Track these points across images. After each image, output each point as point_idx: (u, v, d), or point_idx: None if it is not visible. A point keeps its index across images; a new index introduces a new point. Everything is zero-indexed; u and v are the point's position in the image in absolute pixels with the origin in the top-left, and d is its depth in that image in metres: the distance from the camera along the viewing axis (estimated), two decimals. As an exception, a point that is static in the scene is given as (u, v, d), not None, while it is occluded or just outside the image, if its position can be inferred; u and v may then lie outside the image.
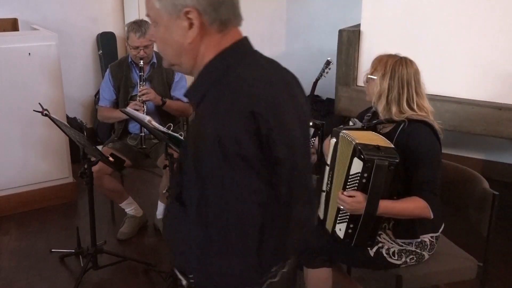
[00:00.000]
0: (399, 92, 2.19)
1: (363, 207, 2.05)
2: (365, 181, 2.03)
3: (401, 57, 2.25)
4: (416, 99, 2.20)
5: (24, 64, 3.17)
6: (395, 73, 2.20)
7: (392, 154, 2.02)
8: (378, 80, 2.22)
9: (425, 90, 2.26)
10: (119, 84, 3.47)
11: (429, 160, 2.14)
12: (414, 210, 2.13)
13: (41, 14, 4.65)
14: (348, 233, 2.14)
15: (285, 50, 5.18)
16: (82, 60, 5.00)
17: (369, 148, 2.01)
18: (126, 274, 3.11)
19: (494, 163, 4.32)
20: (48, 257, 3.25)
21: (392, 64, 2.21)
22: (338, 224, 2.17)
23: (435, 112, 2.29)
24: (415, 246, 2.26)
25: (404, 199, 2.13)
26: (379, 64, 2.25)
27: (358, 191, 2.06)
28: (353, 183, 2.08)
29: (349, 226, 2.13)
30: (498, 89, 3.36)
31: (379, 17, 3.71)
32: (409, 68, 2.21)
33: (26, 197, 3.68)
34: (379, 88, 2.22)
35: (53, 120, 2.88)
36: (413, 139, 2.16)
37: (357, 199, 2.06)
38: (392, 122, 2.24)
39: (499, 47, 3.34)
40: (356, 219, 2.10)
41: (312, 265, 2.32)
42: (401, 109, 2.20)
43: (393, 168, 2.00)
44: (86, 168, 2.88)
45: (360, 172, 2.03)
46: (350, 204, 2.07)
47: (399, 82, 2.19)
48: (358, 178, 2.05)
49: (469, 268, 2.35)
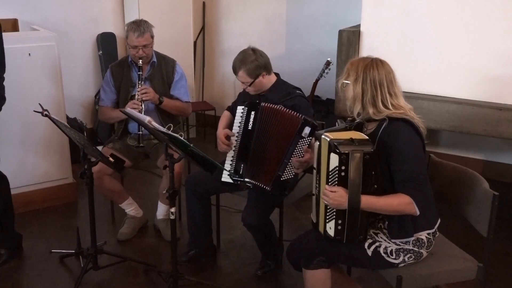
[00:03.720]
0: (373, 95, 2.21)
1: (346, 201, 2.10)
2: (343, 174, 2.10)
3: (372, 59, 2.26)
4: (390, 100, 2.22)
5: (24, 64, 3.18)
6: (366, 76, 2.21)
7: (366, 144, 2.10)
8: (351, 85, 2.24)
9: (400, 88, 2.28)
10: (119, 84, 3.47)
11: (410, 157, 2.16)
12: (398, 205, 2.16)
13: (41, 15, 4.66)
14: (338, 229, 2.19)
15: (285, 51, 5.18)
16: (82, 60, 5.01)
17: (343, 142, 2.10)
18: (126, 274, 3.11)
19: (494, 164, 4.32)
20: (48, 258, 3.26)
21: (363, 68, 2.22)
22: (328, 223, 2.22)
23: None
24: (412, 244, 2.26)
25: (388, 196, 2.17)
26: (351, 69, 2.26)
27: (339, 186, 2.12)
28: (333, 178, 2.14)
29: (338, 223, 2.18)
30: (498, 89, 3.36)
31: (379, 18, 3.71)
32: (380, 69, 2.22)
33: (26, 197, 3.68)
34: (353, 93, 2.24)
35: (53, 120, 2.89)
36: (393, 137, 2.18)
37: (339, 194, 2.12)
38: (373, 121, 2.26)
39: (499, 47, 3.33)
40: (342, 214, 2.16)
41: (311, 266, 2.33)
42: (378, 109, 2.22)
43: (369, 157, 2.08)
44: (86, 168, 2.88)
45: (337, 166, 2.10)
46: (333, 198, 2.13)
47: (371, 85, 2.21)
48: (337, 173, 2.11)
49: (469, 269, 2.35)
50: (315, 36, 4.98)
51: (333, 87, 4.03)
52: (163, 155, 3.06)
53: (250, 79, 2.88)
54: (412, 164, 2.16)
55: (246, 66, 2.86)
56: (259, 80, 2.90)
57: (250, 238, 3.23)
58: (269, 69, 2.94)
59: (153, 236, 3.56)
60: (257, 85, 2.92)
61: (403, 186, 2.15)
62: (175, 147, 2.61)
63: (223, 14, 5.51)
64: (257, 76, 2.88)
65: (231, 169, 2.89)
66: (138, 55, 3.33)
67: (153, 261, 3.22)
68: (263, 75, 2.90)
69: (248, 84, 2.90)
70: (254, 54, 2.89)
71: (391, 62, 2.31)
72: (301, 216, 3.80)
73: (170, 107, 3.45)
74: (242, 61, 2.88)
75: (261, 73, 2.89)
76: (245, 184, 2.88)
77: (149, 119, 2.59)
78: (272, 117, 2.80)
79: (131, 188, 3.99)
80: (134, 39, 3.29)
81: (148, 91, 3.30)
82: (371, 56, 2.28)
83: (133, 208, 3.58)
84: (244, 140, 2.87)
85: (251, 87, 2.93)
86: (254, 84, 2.91)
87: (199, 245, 3.22)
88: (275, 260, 3.14)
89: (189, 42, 5.23)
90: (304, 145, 2.72)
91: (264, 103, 2.83)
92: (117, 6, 5.13)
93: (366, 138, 2.14)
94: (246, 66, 2.86)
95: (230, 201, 3.81)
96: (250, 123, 2.85)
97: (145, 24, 3.33)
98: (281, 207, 3.06)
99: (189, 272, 3.05)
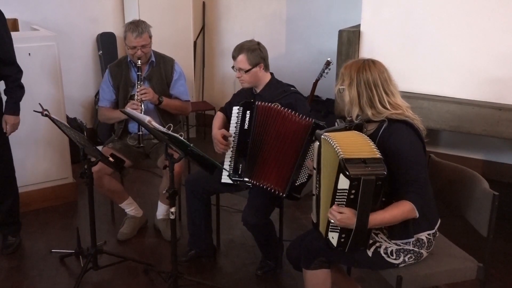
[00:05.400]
0: (369, 96, 2.20)
1: (353, 223, 2.05)
2: (353, 197, 2.02)
3: (364, 61, 2.25)
4: (387, 99, 2.21)
5: (24, 64, 3.18)
6: (360, 79, 2.20)
7: (379, 166, 1.98)
8: (347, 90, 2.24)
9: (397, 86, 2.26)
10: (118, 84, 3.47)
11: (411, 160, 2.15)
12: (402, 215, 2.14)
13: (41, 15, 4.66)
14: (341, 241, 2.15)
15: (285, 51, 5.18)
16: (82, 60, 5.01)
17: (354, 163, 1.97)
18: (126, 274, 3.11)
19: (494, 164, 4.32)
20: (48, 258, 3.26)
21: (356, 71, 2.22)
22: (331, 233, 2.17)
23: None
24: (412, 245, 2.26)
25: (391, 207, 2.13)
26: (345, 73, 2.26)
27: (347, 207, 2.05)
28: (341, 198, 2.06)
29: (341, 236, 2.13)
30: (498, 89, 3.37)
31: (379, 18, 3.71)
32: (373, 70, 2.21)
33: (26, 197, 3.68)
34: (349, 97, 2.23)
35: (53, 120, 2.89)
36: (394, 140, 2.17)
37: (347, 216, 2.05)
38: (373, 122, 2.25)
39: (499, 47, 3.33)
40: (348, 230, 2.11)
41: (311, 266, 2.33)
42: (377, 110, 2.21)
43: (381, 183, 1.99)
44: (86, 168, 2.88)
45: (347, 189, 2.01)
46: (340, 220, 2.07)
47: (366, 86, 2.20)
48: (345, 195, 2.03)
49: (469, 269, 2.35)
50: (315, 36, 4.98)
51: (333, 87, 4.01)
52: (163, 155, 3.06)
53: (248, 66, 2.91)
54: (412, 167, 2.14)
55: (248, 51, 2.90)
56: (255, 70, 2.92)
57: (250, 238, 3.23)
58: (267, 65, 2.98)
59: (153, 236, 3.56)
60: (252, 76, 2.93)
61: (403, 190, 2.14)
62: (175, 147, 2.61)
63: (223, 14, 5.51)
64: (255, 65, 2.91)
65: (230, 169, 2.89)
66: (137, 55, 3.33)
67: (153, 261, 3.22)
68: (261, 67, 2.93)
69: (245, 71, 2.92)
70: (257, 44, 2.96)
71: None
72: (301, 216, 3.80)
73: (169, 107, 3.45)
74: (244, 45, 2.94)
75: (260, 63, 2.92)
76: (244, 184, 2.89)
77: (149, 119, 2.59)
78: (269, 116, 2.80)
79: (131, 188, 3.99)
80: (132, 39, 3.29)
81: (147, 91, 3.30)
82: (363, 58, 2.28)
83: (133, 208, 3.58)
84: (241, 139, 2.88)
85: (246, 76, 2.93)
86: (250, 73, 2.92)
87: (199, 245, 3.22)
88: (275, 260, 3.14)
89: (189, 42, 5.23)
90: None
91: (259, 102, 2.84)
92: (117, 6, 5.13)
93: (378, 157, 2.02)
94: (248, 51, 2.90)
95: (230, 201, 3.81)
96: (246, 122, 2.86)
97: (143, 24, 3.33)
98: (281, 207, 3.07)
99: (189, 272, 3.06)
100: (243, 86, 3.02)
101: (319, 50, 4.90)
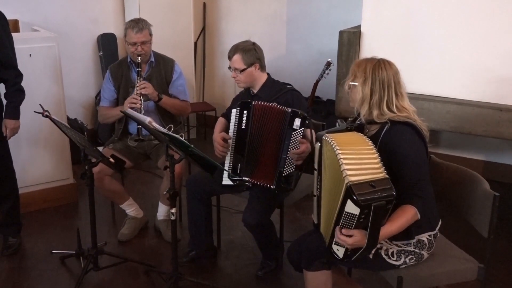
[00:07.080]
0: (381, 96, 2.19)
1: (364, 243, 2.03)
2: (362, 220, 1.99)
3: (379, 60, 2.24)
4: (396, 102, 2.20)
5: (25, 65, 3.18)
6: (375, 77, 2.18)
7: (387, 189, 1.94)
8: (360, 87, 2.21)
9: (405, 89, 2.26)
10: (119, 84, 3.48)
11: (413, 162, 2.14)
12: (407, 222, 2.13)
13: (41, 16, 4.66)
14: (347, 254, 2.14)
15: (286, 52, 5.19)
16: (82, 61, 5.01)
17: (363, 189, 1.92)
18: (126, 275, 3.11)
19: (495, 164, 4.32)
20: (48, 258, 3.26)
21: (371, 69, 2.20)
22: (335, 245, 2.15)
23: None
24: (413, 246, 2.26)
25: (397, 218, 2.11)
26: (358, 70, 2.23)
27: (356, 229, 2.03)
28: (349, 221, 2.03)
29: (347, 249, 2.12)
30: (499, 90, 3.36)
31: (379, 18, 3.71)
32: (389, 70, 2.20)
33: (26, 198, 3.68)
34: (361, 94, 2.21)
35: (53, 121, 2.89)
36: (396, 141, 2.16)
37: (358, 239, 2.03)
38: (375, 123, 2.25)
39: (500, 48, 3.33)
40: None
41: (312, 267, 2.32)
42: (381, 112, 2.20)
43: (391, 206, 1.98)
44: (87, 169, 2.88)
45: (357, 215, 1.97)
46: (352, 245, 2.05)
47: (380, 86, 2.18)
48: (355, 219, 1.99)
49: (469, 269, 2.35)
50: (316, 36, 4.98)
51: (334, 88, 4.03)
52: (163, 156, 3.06)
53: (243, 65, 2.92)
54: (415, 169, 2.14)
55: (243, 51, 2.92)
56: (250, 70, 2.93)
57: (250, 238, 3.23)
58: (262, 65, 2.98)
59: (154, 237, 3.56)
60: (247, 76, 2.94)
61: (406, 194, 2.13)
62: (175, 147, 2.61)
63: (224, 15, 5.52)
64: (250, 65, 2.92)
65: (229, 169, 2.90)
66: (137, 52, 3.33)
67: (154, 261, 3.22)
68: (256, 67, 2.94)
69: (240, 70, 2.92)
70: (252, 44, 2.97)
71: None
72: (301, 217, 3.80)
73: (169, 105, 3.45)
74: (239, 45, 2.95)
75: (255, 63, 2.93)
76: (244, 183, 2.89)
77: (149, 120, 2.59)
78: (264, 114, 2.83)
79: (131, 189, 3.99)
80: (133, 35, 3.30)
81: (147, 86, 3.30)
82: (376, 57, 2.26)
83: (133, 208, 3.58)
84: (239, 139, 2.89)
85: (241, 76, 2.95)
86: (246, 73, 2.93)
87: (199, 245, 3.22)
88: (276, 261, 3.14)
89: (190, 43, 5.23)
90: (298, 136, 2.75)
91: (255, 101, 2.85)
92: (117, 7, 5.13)
93: (386, 178, 1.97)
94: (242, 51, 2.92)
95: (230, 201, 3.81)
96: (243, 122, 2.87)
97: (143, 22, 3.36)
98: (282, 207, 3.07)
99: (190, 273, 3.06)
100: (239, 86, 3.04)
101: (319, 51, 4.90)
